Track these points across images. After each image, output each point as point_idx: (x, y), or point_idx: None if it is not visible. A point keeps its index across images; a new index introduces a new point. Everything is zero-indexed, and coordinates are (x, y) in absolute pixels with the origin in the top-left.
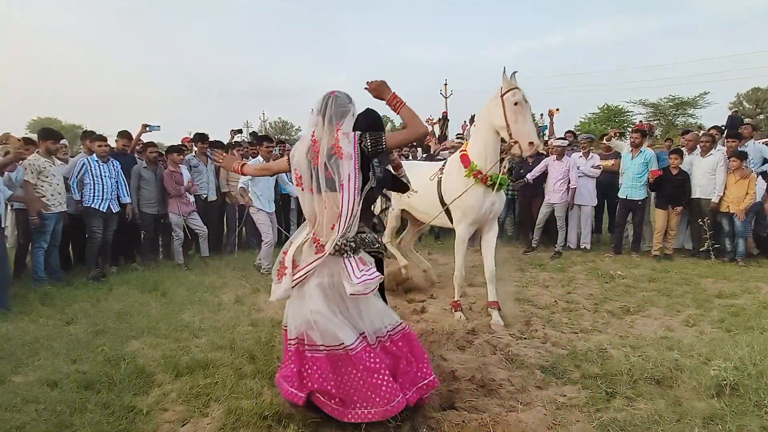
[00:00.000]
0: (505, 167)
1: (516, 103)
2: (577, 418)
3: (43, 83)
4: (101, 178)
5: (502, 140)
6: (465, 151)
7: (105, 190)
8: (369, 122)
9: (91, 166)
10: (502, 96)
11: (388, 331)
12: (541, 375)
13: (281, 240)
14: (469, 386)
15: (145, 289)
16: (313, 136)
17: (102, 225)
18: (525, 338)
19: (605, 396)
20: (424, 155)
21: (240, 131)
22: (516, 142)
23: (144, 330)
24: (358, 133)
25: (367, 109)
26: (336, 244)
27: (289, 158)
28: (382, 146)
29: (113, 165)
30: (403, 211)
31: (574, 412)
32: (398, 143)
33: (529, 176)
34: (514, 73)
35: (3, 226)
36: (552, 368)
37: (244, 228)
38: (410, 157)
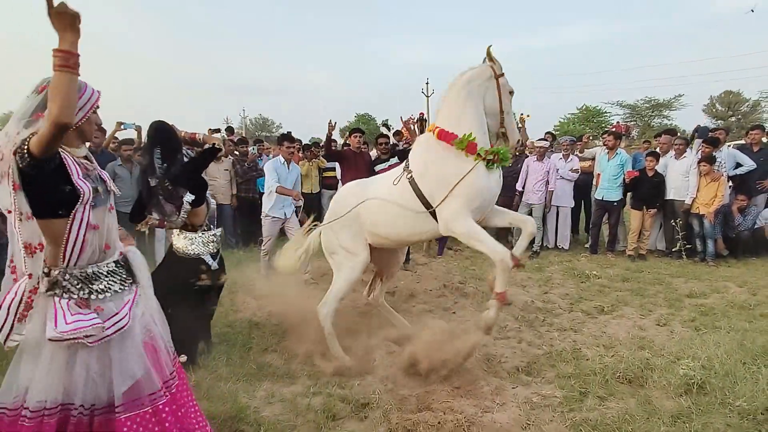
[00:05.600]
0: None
1: (511, 92)
2: (551, 417)
3: (13, 76)
4: None
5: None
6: (436, 127)
7: None
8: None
9: None
10: (497, 78)
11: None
12: (517, 375)
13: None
14: (445, 387)
15: None
16: None
17: None
18: (501, 338)
19: (579, 395)
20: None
21: (218, 130)
22: (504, 135)
23: None
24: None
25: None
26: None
27: None
28: (26, 154)
29: None
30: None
31: (548, 411)
32: (43, 142)
33: (519, 186)
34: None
35: None
36: (528, 368)
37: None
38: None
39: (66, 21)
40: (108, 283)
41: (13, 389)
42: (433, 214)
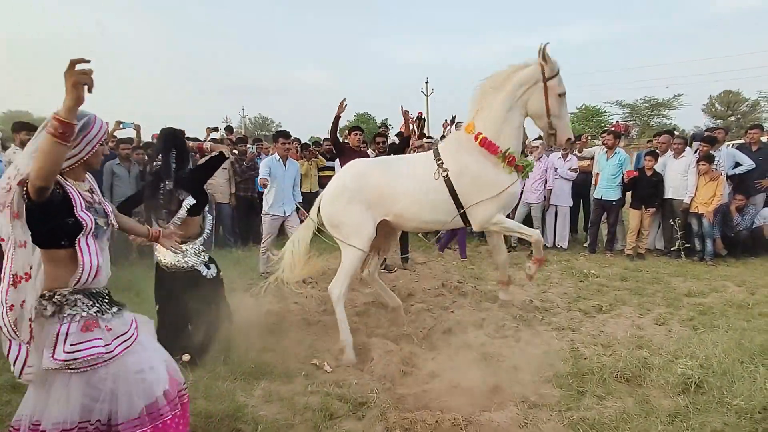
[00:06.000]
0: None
1: (561, 95)
2: (548, 417)
3: (14, 76)
4: None
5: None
6: (479, 134)
7: None
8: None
9: None
10: (545, 81)
11: None
12: (515, 374)
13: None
14: (443, 386)
15: (119, 289)
16: None
17: None
18: (499, 337)
19: (576, 394)
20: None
21: (216, 129)
22: (553, 135)
23: None
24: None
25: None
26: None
27: None
28: (25, 195)
29: None
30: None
31: (546, 410)
32: (30, 192)
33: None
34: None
35: None
36: (525, 367)
37: (221, 227)
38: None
39: (70, 83)
40: (109, 305)
41: (28, 412)
42: (462, 213)
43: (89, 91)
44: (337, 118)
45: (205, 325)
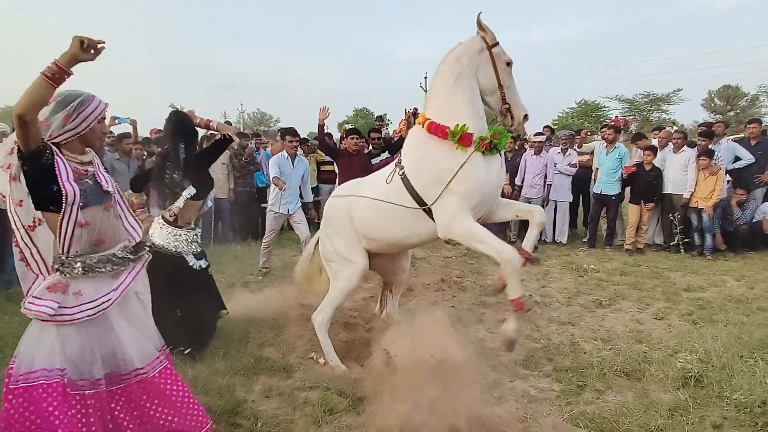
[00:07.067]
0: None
1: (508, 63)
2: (548, 411)
3: (12, 70)
4: None
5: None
6: (427, 120)
7: None
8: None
9: None
10: (490, 49)
11: None
12: (514, 369)
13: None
14: (443, 381)
15: None
16: None
17: None
18: (499, 332)
19: (576, 389)
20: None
21: None
22: (508, 111)
23: None
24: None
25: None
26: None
27: None
28: (17, 148)
29: None
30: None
31: (545, 405)
32: (17, 135)
33: (518, 180)
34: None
35: None
36: (525, 362)
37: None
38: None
39: (75, 41)
40: (99, 267)
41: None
42: (429, 213)
43: (87, 49)
44: (321, 126)
45: (185, 317)
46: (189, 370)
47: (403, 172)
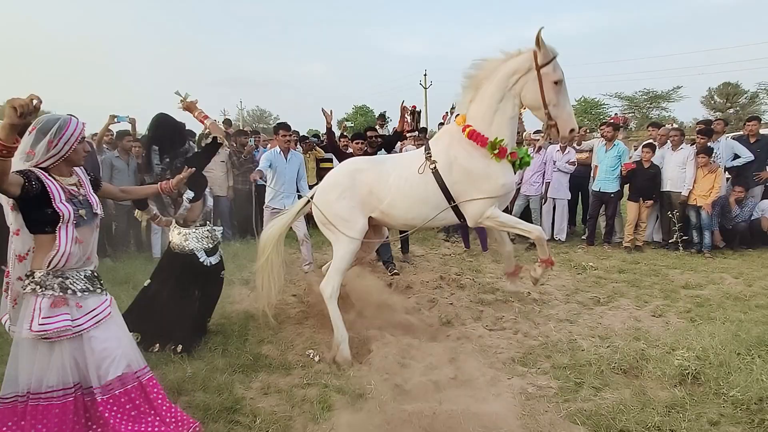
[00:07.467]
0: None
1: (557, 82)
2: (546, 408)
3: (11, 68)
4: None
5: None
6: (468, 126)
7: None
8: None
9: None
10: (538, 69)
11: None
12: (512, 366)
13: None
14: (441, 377)
15: (116, 282)
16: None
17: None
18: (497, 329)
19: (574, 386)
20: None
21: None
22: (554, 126)
23: None
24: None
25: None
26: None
27: None
28: None
29: None
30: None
31: (543, 402)
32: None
33: (516, 177)
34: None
35: None
36: (523, 359)
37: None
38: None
39: (11, 112)
40: (86, 285)
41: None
42: (454, 207)
43: (22, 115)
44: (329, 129)
45: (188, 309)
46: (188, 367)
47: (435, 167)
